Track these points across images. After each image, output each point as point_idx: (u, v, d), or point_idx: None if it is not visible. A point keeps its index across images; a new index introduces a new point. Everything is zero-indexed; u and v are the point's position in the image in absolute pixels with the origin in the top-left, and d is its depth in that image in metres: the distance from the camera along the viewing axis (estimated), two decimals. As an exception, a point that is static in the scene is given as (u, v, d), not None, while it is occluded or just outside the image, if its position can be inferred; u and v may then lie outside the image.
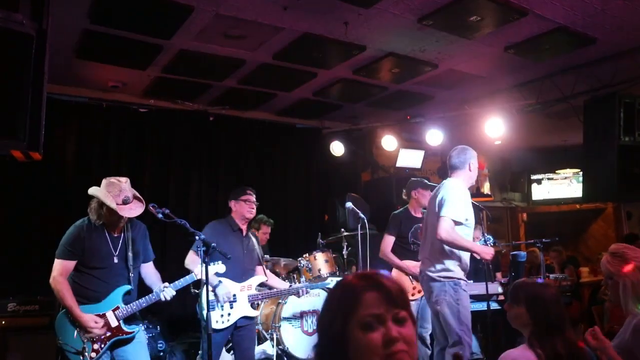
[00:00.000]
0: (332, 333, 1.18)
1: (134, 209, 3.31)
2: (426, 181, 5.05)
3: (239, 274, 4.02)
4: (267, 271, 4.44)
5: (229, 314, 3.91)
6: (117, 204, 3.23)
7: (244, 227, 4.14)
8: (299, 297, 4.58)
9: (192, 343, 5.32)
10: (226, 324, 3.89)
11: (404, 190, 5.11)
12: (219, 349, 3.92)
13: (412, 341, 1.17)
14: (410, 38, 4.68)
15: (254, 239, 4.25)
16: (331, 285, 4.80)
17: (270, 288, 4.38)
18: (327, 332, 1.20)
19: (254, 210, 4.15)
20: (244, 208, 4.10)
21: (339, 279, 4.93)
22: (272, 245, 5.98)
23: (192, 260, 3.89)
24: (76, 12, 3.98)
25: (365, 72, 5.52)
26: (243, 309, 3.99)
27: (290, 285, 4.47)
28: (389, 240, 4.79)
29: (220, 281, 3.85)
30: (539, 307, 2.17)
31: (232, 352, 4.88)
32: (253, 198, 4.14)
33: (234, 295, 3.94)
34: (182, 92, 6.01)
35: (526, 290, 2.26)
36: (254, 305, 4.12)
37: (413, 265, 4.61)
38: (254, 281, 4.12)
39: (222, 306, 3.87)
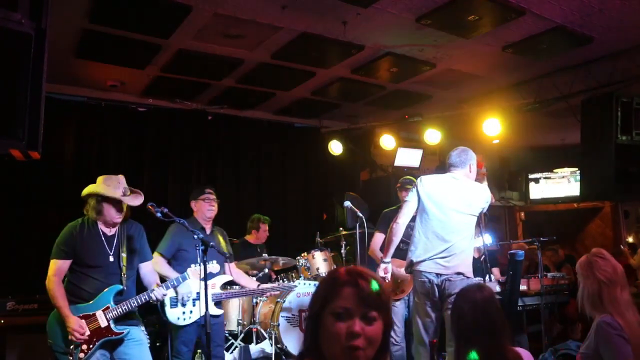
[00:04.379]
0: (312, 312, 1.35)
1: (135, 199, 3.36)
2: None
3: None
4: (235, 269, 4.39)
5: (191, 312, 3.92)
6: (120, 195, 3.27)
7: (207, 226, 4.15)
8: (264, 297, 4.96)
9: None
10: (188, 321, 3.91)
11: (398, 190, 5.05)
12: (190, 344, 3.95)
13: (373, 340, 1.28)
14: (409, 37, 4.69)
15: (220, 237, 4.25)
16: (298, 288, 4.90)
17: (242, 287, 4.37)
18: (311, 310, 1.36)
19: (215, 209, 4.16)
20: (204, 207, 4.12)
21: (311, 281, 5.07)
22: (270, 244, 5.99)
23: (157, 263, 3.81)
24: (75, 11, 3.99)
25: (364, 72, 5.53)
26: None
27: (259, 285, 4.43)
28: (379, 239, 4.69)
29: (184, 278, 3.73)
30: (457, 311, 2.33)
31: (230, 351, 4.90)
32: (212, 196, 4.17)
33: (197, 293, 3.89)
34: (181, 91, 6.02)
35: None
36: (219, 304, 4.12)
37: (399, 264, 4.31)
38: (218, 280, 4.10)
39: (183, 304, 3.88)
